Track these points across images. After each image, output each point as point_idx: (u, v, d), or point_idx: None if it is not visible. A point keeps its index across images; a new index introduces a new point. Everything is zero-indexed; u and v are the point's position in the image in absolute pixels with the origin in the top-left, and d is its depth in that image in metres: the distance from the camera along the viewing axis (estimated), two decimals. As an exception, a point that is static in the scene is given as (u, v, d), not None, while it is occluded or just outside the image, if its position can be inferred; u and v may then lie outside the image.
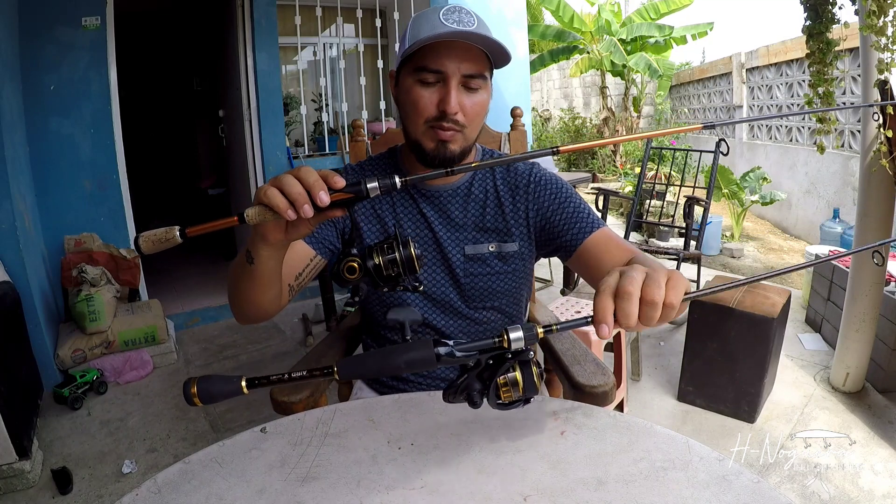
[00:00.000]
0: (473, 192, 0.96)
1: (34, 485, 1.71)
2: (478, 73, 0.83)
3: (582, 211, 0.93)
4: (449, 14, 0.81)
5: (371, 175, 0.66)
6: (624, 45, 6.77)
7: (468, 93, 0.84)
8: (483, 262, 0.95)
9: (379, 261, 0.63)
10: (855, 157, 3.67)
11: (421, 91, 0.83)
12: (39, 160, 2.59)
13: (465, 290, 0.96)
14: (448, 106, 0.82)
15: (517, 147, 1.32)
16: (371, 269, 0.63)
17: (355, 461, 0.67)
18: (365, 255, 0.64)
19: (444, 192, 0.95)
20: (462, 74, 0.82)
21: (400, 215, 0.95)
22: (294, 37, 3.53)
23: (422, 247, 0.95)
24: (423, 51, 0.82)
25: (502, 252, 0.95)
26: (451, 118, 0.83)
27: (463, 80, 0.82)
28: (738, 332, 1.90)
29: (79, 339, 2.39)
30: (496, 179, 0.97)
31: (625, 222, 3.73)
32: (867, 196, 1.93)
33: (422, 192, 0.95)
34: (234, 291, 0.80)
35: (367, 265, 0.63)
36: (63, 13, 2.57)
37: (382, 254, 0.64)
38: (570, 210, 0.93)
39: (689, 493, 0.59)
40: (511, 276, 0.97)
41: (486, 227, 0.95)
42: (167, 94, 5.31)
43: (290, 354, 2.63)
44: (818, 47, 1.86)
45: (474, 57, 0.83)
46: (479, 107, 0.86)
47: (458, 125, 0.84)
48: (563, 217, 0.92)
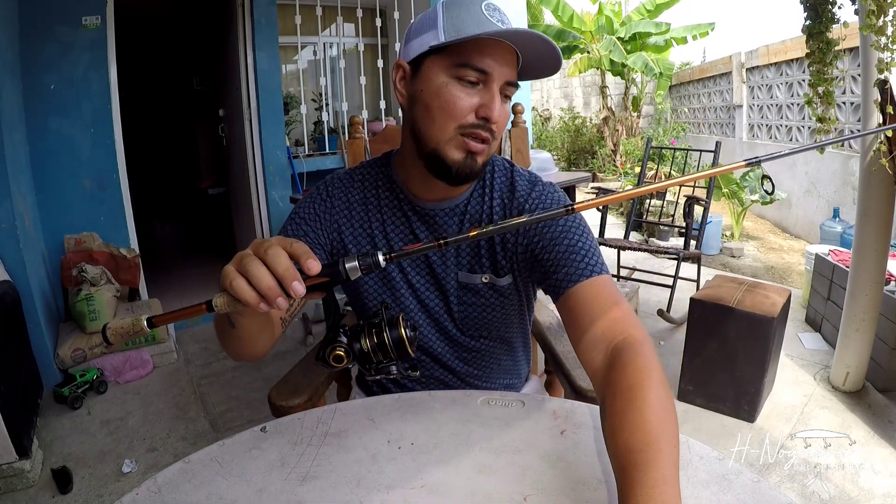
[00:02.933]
0: (470, 212, 0.84)
1: (34, 484, 1.71)
2: (515, 82, 0.75)
3: (579, 250, 0.76)
4: (492, 11, 0.72)
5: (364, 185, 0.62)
6: (623, 44, 6.77)
7: (503, 101, 0.75)
8: (476, 292, 0.86)
9: (367, 346, 0.59)
10: (855, 157, 3.67)
11: (459, 91, 0.72)
12: (39, 160, 2.58)
13: (457, 319, 0.88)
14: (491, 112, 0.72)
15: (518, 144, 1.32)
16: (358, 354, 0.59)
17: (355, 461, 0.67)
18: (351, 336, 0.59)
19: (440, 211, 0.84)
20: (504, 80, 0.73)
21: (390, 234, 0.86)
22: (294, 36, 3.53)
23: (414, 270, 0.86)
24: (466, 46, 0.71)
25: (496, 285, 0.85)
26: (489, 126, 0.74)
27: (503, 87, 0.74)
28: (738, 331, 1.90)
29: (79, 338, 2.39)
30: (493, 197, 0.85)
31: (625, 222, 3.73)
32: (867, 196, 1.93)
33: (415, 208, 0.84)
34: (223, 344, 0.74)
35: (354, 349, 0.59)
36: (63, 13, 2.56)
37: (370, 337, 0.58)
38: (563, 246, 0.76)
39: (689, 493, 0.59)
40: (506, 307, 0.88)
41: (480, 254, 0.84)
42: (167, 94, 5.30)
43: (291, 354, 2.62)
44: (818, 47, 1.86)
45: (513, 63, 0.74)
46: (506, 118, 0.77)
47: (493, 135, 0.75)
48: (554, 254, 0.77)
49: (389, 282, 0.87)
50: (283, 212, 3.39)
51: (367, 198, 0.87)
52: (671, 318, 2.71)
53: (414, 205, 0.84)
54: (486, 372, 0.94)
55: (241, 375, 2.46)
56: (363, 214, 0.86)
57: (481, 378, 0.94)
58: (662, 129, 7.51)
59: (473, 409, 0.77)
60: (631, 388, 0.59)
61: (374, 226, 0.86)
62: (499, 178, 0.86)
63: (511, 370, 0.98)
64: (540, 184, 0.86)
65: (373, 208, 0.86)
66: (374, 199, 0.86)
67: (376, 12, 3.73)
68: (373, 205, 0.86)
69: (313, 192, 0.88)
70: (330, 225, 0.86)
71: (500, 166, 0.88)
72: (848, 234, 3.23)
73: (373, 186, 0.87)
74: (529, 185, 0.85)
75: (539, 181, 0.86)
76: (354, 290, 0.90)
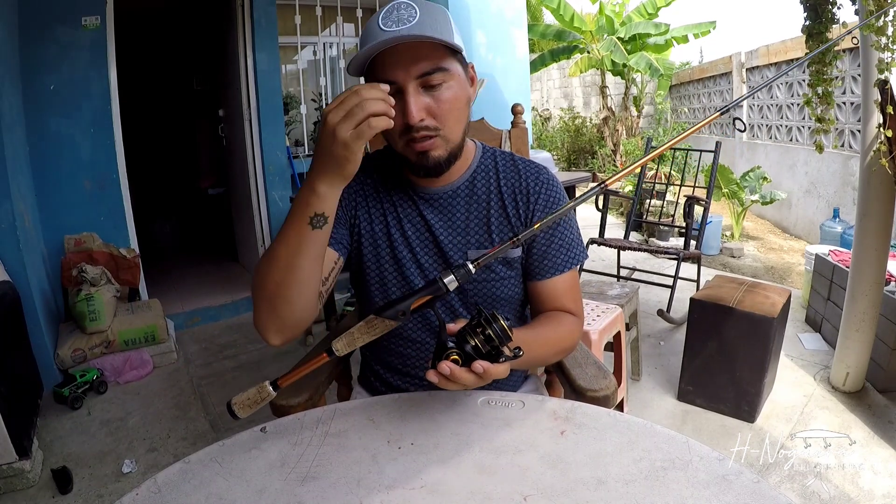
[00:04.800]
0: (476, 191, 0.91)
1: (34, 484, 1.71)
2: (433, 69, 0.76)
3: (568, 243, 0.90)
4: (387, 17, 0.75)
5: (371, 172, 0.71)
6: (624, 44, 6.77)
7: (430, 91, 0.77)
8: (487, 268, 0.90)
9: (475, 342, 0.64)
10: (855, 157, 3.67)
11: None
12: (39, 160, 2.59)
13: (467, 296, 0.92)
14: (409, 117, 0.75)
15: (518, 145, 1.32)
16: (471, 352, 0.64)
17: (355, 461, 0.67)
18: (458, 341, 0.65)
19: (445, 193, 0.90)
20: (415, 77, 0.75)
21: (402, 218, 0.91)
22: (294, 36, 3.53)
23: (423, 251, 0.91)
24: (373, 65, 0.76)
25: (507, 258, 0.90)
26: (419, 126, 0.77)
27: (420, 81, 0.76)
28: (738, 331, 1.90)
29: (79, 338, 2.39)
30: (499, 179, 0.91)
31: (625, 222, 3.73)
32: (867, 196, 1.93)
33: (421, 195, 0.90)
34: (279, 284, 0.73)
35: (466, 350, 0.64)
36: (63, 13, 2.57)
37: (474, 336, 0.64)
38: (557, 237, 0.89)
39: (689, 493, 0.59)
40: (515, 281, 0.93)
41: (491, 230, 0.90)
42: (167, 94, 5.30)
43: (290, 354, 2.62)
44: (818, 47, 1.86)
45: (425, 53, 0.75)
46: (450, 102, 0.78)
47: (431, 130, 0.78)
48: (548, 242, 0.89)
49: (398, 263, 0.91)
50: (283, 212, 3.39)
51: (377, 183, 0.93)
52: (671, 318, 2.71)
53: (419, 190, 0.90)
54: None
55: (241, 375, 2.47)
56: (376, 197, 0.92)
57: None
58: (662, 129, 7.51)
59: (473, 409, 0.77)
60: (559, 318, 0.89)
61: (387, 208, 0.91)
62: (502, 163, 0.93)
63: None
64: (545, 170, 0.94)
65: (383, 193, 0.92)
66: (382, 184, 0.92)
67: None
68: (382, 190, 0.92)
69: None
70: (350, 202, 0.91)
71: (501, 154, 0.96)
72: (848, 235, 3.23)
73: (381, 174, 0.93)
74: (535, 168, 0.93)
75: (545, 169, 0.94)
76: (359, 274, 0.94)
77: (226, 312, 3.18)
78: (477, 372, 0.63)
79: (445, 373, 0.62)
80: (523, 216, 0.90)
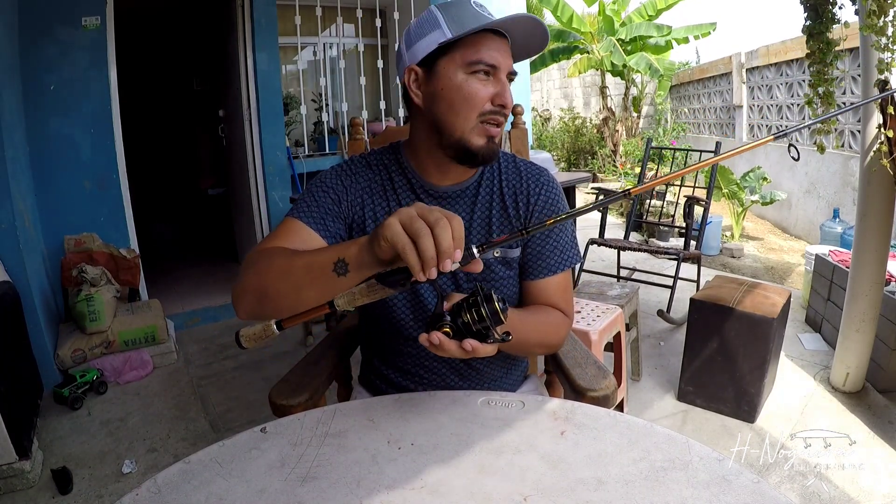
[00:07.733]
0: (481, 191, 0.93)
1: (34, 485, 1.71)
2: (514, 70, 0.86)
3: (563, 244, 0.93)
4: (480, 7, 0.83)
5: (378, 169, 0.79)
6: (624, 45, 6.77)
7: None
8: (487, 268, 0.92)
9: (467, 318, 0.65)
10: (855, 157, 3.67)
11: (477, 84, 0.82)
12: (39, 160, 2.58)
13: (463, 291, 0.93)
14: (505, 98, 0.83)
15: (518, 145, 1.32)
16: (461, 327, 0.65)
17: (355, 461, 0.67)
18: (453, 314, 0.66)
19: (453, 192, 0.92)
20: (508, 70, 0.84)
21: None
22: (294, 37, 3.53)
23: None
24: (474, 45, 0.81)
25: (507, 258, 0.93)
26: (504, 112, 0.84)
27: (507, 74, 0.84)
28: (738, 332, 1.90)
29: (79, 339, 2.39)
30: (501, 179, 0.94)
31: (625, 222, 3.73)
32: (867, 196, 1.93)
33: (428, 191, 0.92)
34: (285, 289, 0.73)
35: (458, 324, 0.65)
36: (63, 13, 2.56)
37: (469, 312, 0.65)
38: (553, 239, 0.93)
39: (689, 493, 0.59)
40: (514, 281, 0.95)
41: (493, 230, 0.93)
42: (167, 94, 5.30)
43: (290, 354, 2.62)
44: (818, 47, 1.86)
45: (510, 53, 0.85)
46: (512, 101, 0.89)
47: (505, 118, 0.86)
48: (544, 243, 0.92)
49: None
50: (283, 212, 3.39)
51: (384, 181, 0.94)
52: (671, 318, 2.71)
53: (426, 189, 0.92)
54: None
55: (241, 376, 2.47)
56: (381, 194, 0.93)
57: (482, 361, 0.96)
58: (662, 129, 7.51)
59: (473, 409, 0.77)
60: (550, 311, 0.92)
61: (392, 206, 0.92)
62: (504, 164, 0.96)
63: (509, 355, 1.00)
64: (546, 172, 0.97)
65: (389, 190, 0.93)
66: (389, 182, 0.94)
67: (376, 13, 3.73)
68: (389, 188, 0.93)
69: (338, 167, 0.95)
70: (353, 199, 0.92)
71: (503, 155, 0.98)
72: (848, 235, 3.23)
73: (387, 171, 0.94)
74: (536, 170, 0.96)
75: (546, 171, 0.97)
76: None
77: (226, 312, 3.18)
78: (466, 349, 0.64)
79: (435, 342, 0.64)
80: (523, 217, 0.93)
